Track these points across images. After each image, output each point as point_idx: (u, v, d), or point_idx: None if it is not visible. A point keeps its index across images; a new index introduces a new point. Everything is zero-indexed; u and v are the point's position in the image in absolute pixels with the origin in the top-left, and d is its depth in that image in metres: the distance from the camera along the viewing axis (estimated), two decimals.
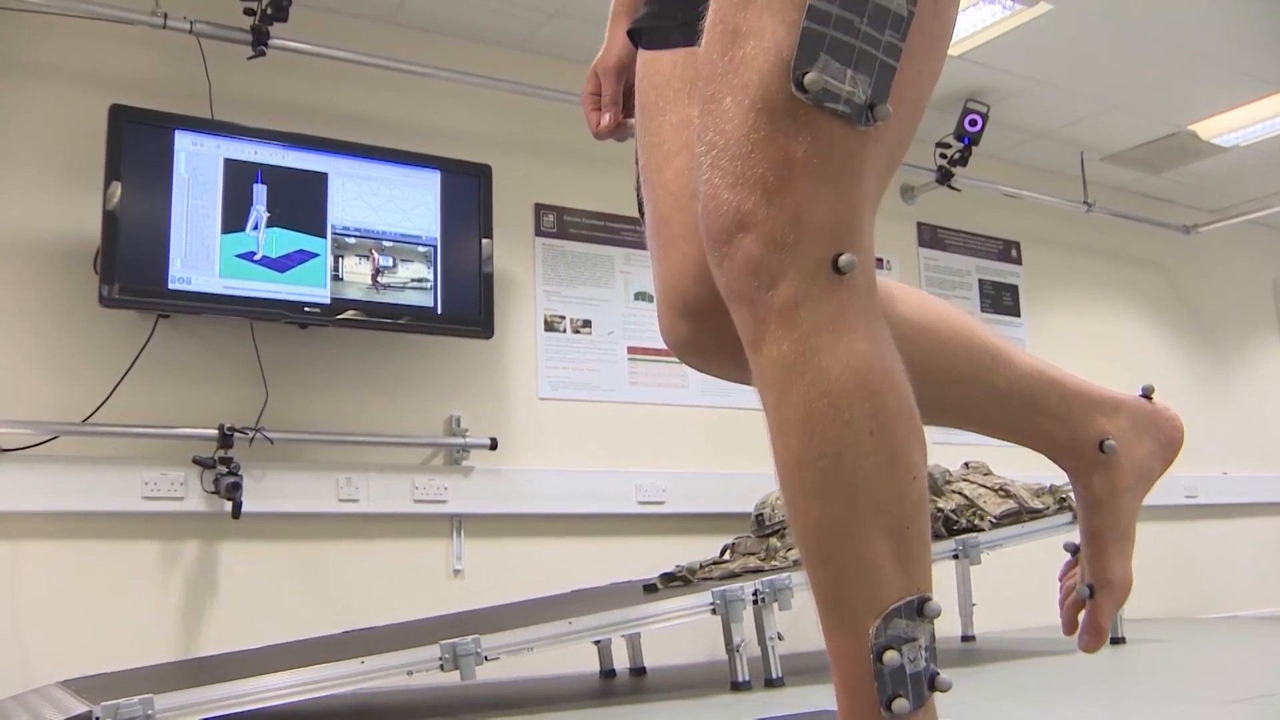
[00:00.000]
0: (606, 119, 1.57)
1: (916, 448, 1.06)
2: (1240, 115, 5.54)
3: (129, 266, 3.59)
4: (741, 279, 1.04)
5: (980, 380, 1.40)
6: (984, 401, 1.42)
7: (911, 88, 1.11)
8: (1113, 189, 6.33)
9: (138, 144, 3.67)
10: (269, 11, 3.80)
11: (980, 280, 5.81)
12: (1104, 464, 1.45)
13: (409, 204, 4.09)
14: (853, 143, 1.05)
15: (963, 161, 5.18)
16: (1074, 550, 1.53)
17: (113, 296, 3.56)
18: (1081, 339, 6.12)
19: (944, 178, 5.25)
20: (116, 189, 3.60)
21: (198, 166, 3.76)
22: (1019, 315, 5.92)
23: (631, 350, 4.67)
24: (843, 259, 1.02)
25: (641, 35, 1.46)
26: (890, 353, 1.06)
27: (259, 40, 3.87)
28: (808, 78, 1.02)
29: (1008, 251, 5.97)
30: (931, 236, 5.67)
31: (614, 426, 4.58)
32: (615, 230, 4.73)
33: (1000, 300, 5.86)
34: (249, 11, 3.83)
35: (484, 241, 4.20)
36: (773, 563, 3.68)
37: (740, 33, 1.06)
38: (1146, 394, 1.54)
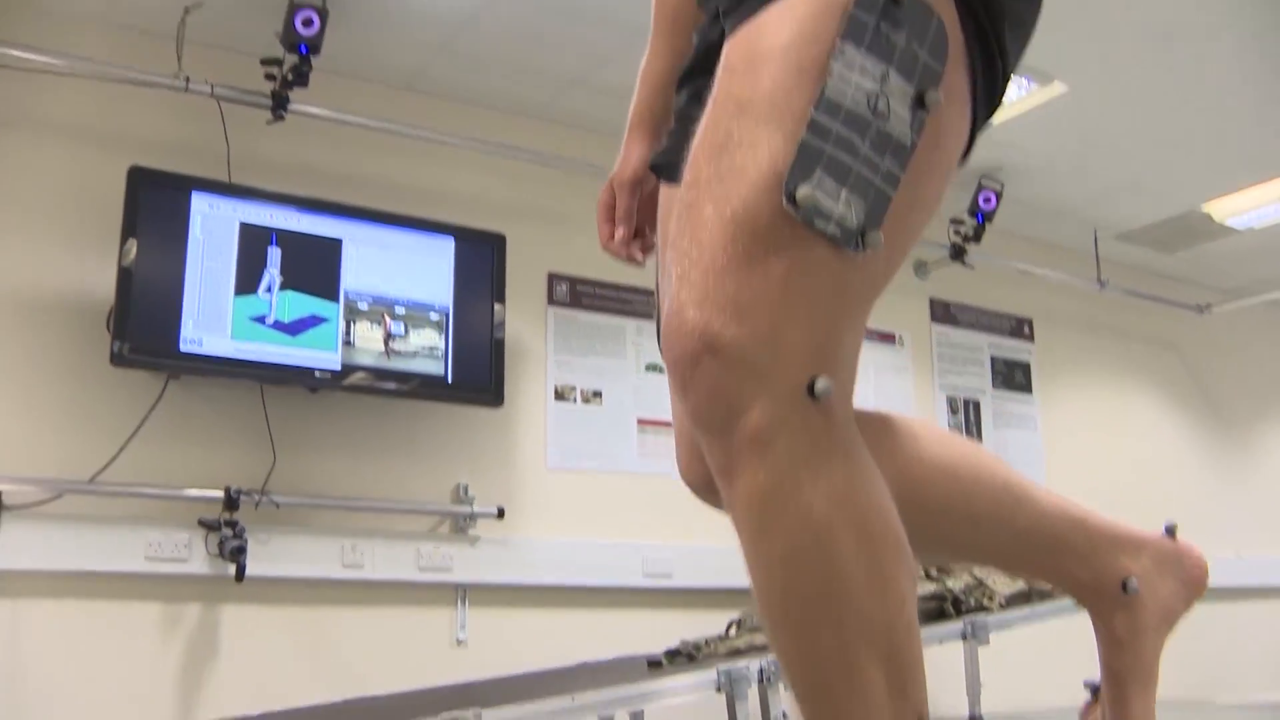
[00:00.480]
0: (619, 233, 1.53)
1: (905, 576, 1.01)
2: (1252, 196, 5.54)
3: (141, 326, 3.59)
4: (708, 405, 0.98)
5: (1002, 521, 1.36)
6: (1005, 542, 1.39)
7: (904, 218, 1.06)
8: (1126, 267, 6.32)
9: (155, 205, 3.69)
10: (289, 77, 3.83)
11: (992, 357, 5.80)
12: (1126, 604, 1.42)
13: (422, 271, 4.09)
14: (837, 267, 1.00)
15: (976, 238, 5.19)
16: (1094, 690, 1.49)
17: (124, 355, 3.55)
18: (1093, 418, 6.09)
19: (957, 254, 5.25)
20: (132, 247, 3.61)
21: (213, 229, 3.77)
22: (1030, 392, 5.89)
23: (641, 422, 4.64)
24: (819, 384, 0.97)
25: (662, 170, 1.44)
26: (873, 479, 1.02)
27: (279, 105, 3.90)
28: (800, 192, 0.97)
29: (1020, 328, 5.96)
30: (944, 312, 5.66)
31: (622, 498, 4.55)
32: (628, 301, 4.73)
33: (1012, 377, 5.84)
34: (270, 76, 3.86)
35: (496, 311, 4.20)
36: None
37: (732, 140, 1.01)
38: (1170, 531, 1.51)
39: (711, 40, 1.16)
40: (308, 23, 3.71)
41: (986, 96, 1.16)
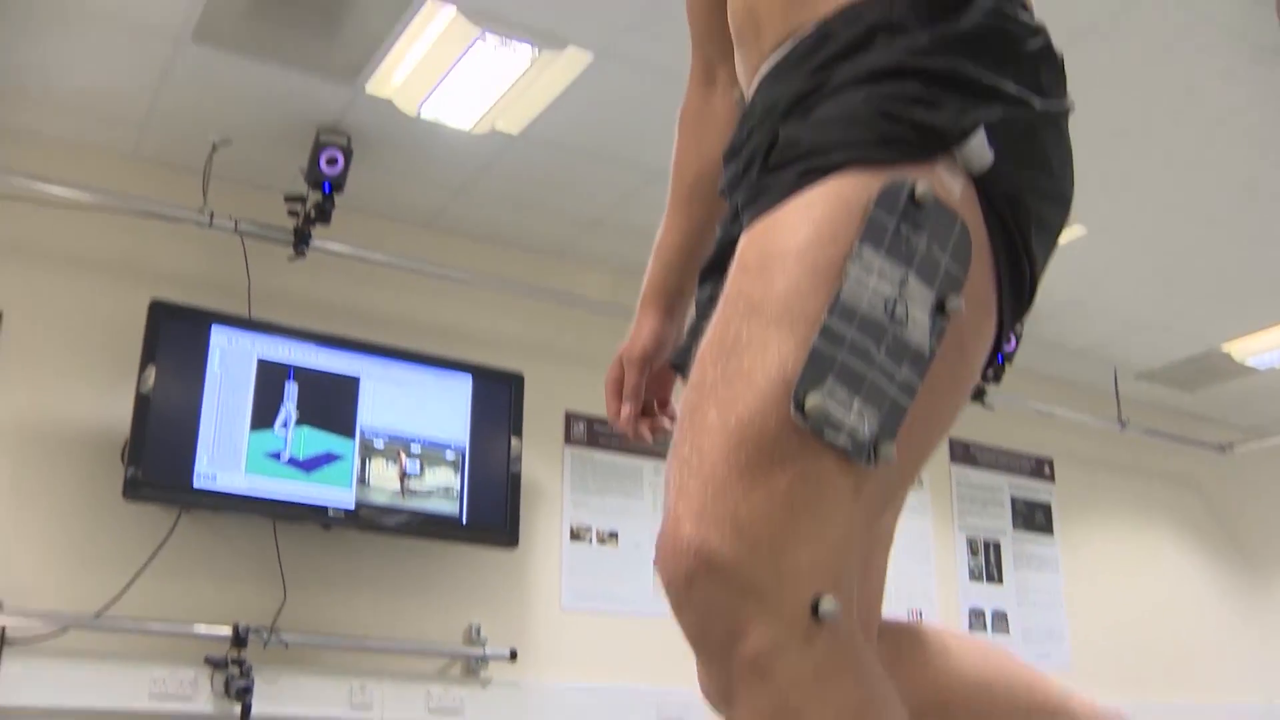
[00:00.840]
0: (626, 410, 1.49)
1: None
2: (1272, 336, 5.52)
3: (156, 458, 3.57)
4: (704, 627, 0.92)
5: None
6: None
7: (920, 428, 1.01)
8: (1147, 406, 6.27)
9: (174, 339, 3.70)
10: (312, 214, 3.87)
11: (1013, 497, 5.73)
12: None
13: (439, 409, 4.08)
14: (847, 480, 0.94)
15: (996, 379, 5.16)
16: None
17: (137, 485, 3.53)
18: (1115, 559, 5.99)
19: (977, 394, 5.22)
20: (151, 374, 3.62)
21: (231, 363, 3.77)
22: (1051, 533, 5.81)
23: None
24: (824, 604, 0.90)
25: (682, 369, 1.40)
26: (885, 702, 0.96)
27: (301, 241, 3.93)
28: (809, 400, 0.92)
29: (1040, 468, 5.90)
30: (964, 453, 5.62)
31: (638, 641, 4.45)
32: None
33: (1033, 519, 5.77)
34: (293, 213, 3.90)
35: (512, 451, 4.17)
36: None
37: (741, 342, 0.97)
38: None
39: (733, 236, 1.12)
40: (332, 161, 3.76)
41: (1013, 302, 1.12)
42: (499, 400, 4.19)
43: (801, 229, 1.00)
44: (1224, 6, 3.26)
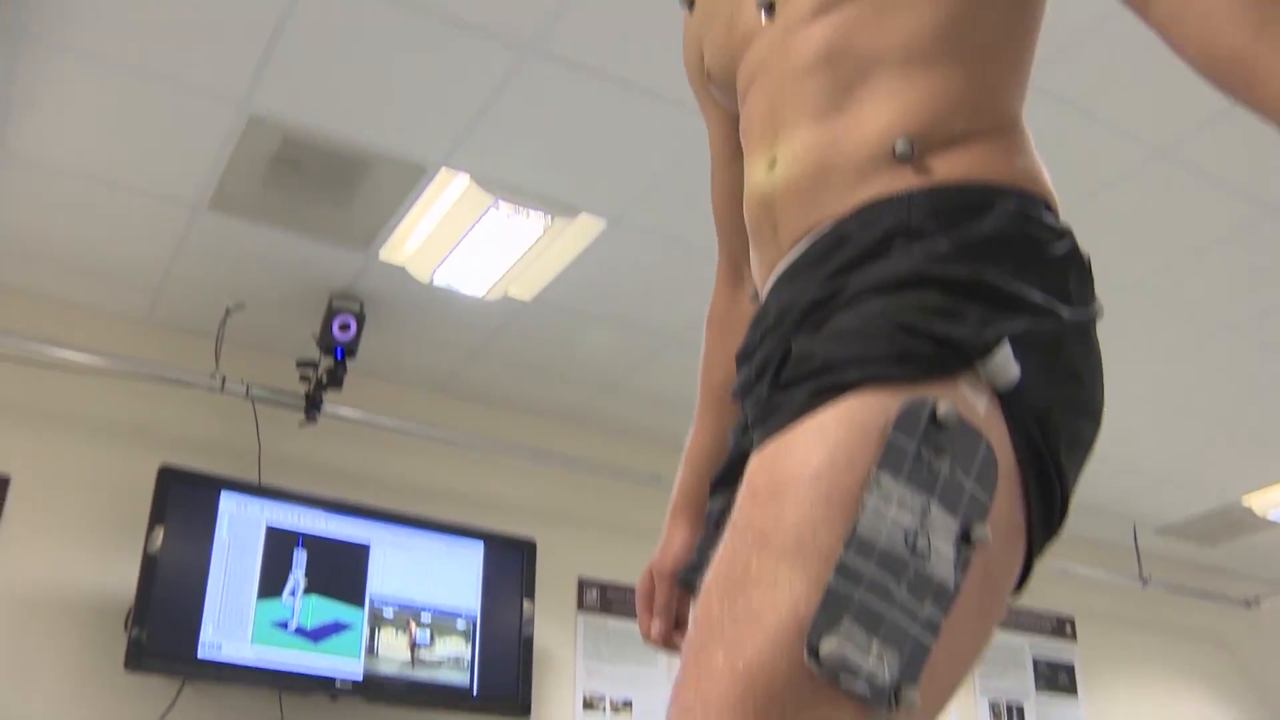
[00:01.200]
0: (657, 626, 1.40)
1: None
2: None
3: (161, 625, 3.50)
4: None
5: None
6: None
7: (946, 666, 0.93)
8: (1169, 561, 6.18)
9: (183, 505, 3.66)
10: (324, 380, 3.86)
11: (1034, 658, 5.60)
12: None
13: (450, 576, 4.01)
14: None
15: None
16: None
17: (140, 654, 3.45)
18: None
19: None
20: (159, 534, 3.58)
21: (240, 530, 3.72)
22: (1075, 695, 5.66)
23: None
24: None
25: (692, 586, 1.35)
26: None
27: (312, 406, 3.92)
28: (824, 646, 0.85)
29: (1062, 628, 5.78)
30: None
31: None
32: None
33: (1056, 680, 5.62)
34: (305, 378, 3.89)
35: (524, 620, 4.09)
36: None
37: (750, 577, 0.89)
38: None
39: (745, 448, 1.07)
40: (345, 327, 3.77)
41: (1043, 522, 1.04)
42: (511, 567, 4.13)
43: (815, 454, 0.94)
44: (1235, 168, 3.30)
